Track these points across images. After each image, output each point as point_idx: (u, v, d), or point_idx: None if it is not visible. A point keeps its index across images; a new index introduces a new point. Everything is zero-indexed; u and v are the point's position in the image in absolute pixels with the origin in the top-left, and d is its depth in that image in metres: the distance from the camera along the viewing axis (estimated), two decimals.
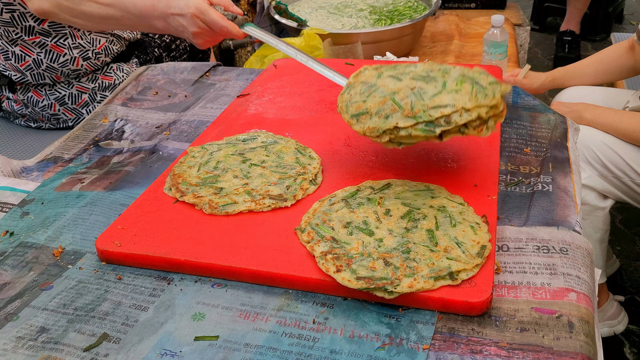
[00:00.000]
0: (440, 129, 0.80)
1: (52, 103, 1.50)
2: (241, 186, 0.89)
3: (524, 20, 2.59)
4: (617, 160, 1.49)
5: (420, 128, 0.81)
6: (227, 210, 0.85)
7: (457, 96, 0.81)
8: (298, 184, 0.89)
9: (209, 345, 0.68)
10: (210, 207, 0.86)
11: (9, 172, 1.07)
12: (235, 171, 0.93)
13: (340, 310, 0.72)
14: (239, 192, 0.88)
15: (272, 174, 0.92)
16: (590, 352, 0.65)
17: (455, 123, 0.80)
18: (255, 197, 0.87)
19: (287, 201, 0.87)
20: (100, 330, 0.71)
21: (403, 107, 0.82)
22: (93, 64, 1.49)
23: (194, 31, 1.05)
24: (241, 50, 2.20)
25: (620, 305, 1.75)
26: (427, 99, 0.82)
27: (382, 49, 1.96)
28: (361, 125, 0.85)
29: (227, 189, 0.89)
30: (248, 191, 0.88)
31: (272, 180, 0.90)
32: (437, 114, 0.80)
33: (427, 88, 0.84)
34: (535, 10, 3.89)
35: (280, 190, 0.88)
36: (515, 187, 0.92)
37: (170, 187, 0.92)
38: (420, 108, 0.81)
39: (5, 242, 0.88)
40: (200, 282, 0.78)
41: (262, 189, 0.88)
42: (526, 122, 1.10)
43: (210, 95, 1.30)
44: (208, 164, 0.96)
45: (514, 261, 0.77)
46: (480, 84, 0.84)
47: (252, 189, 0.89)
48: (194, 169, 0.95)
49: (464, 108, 0.80)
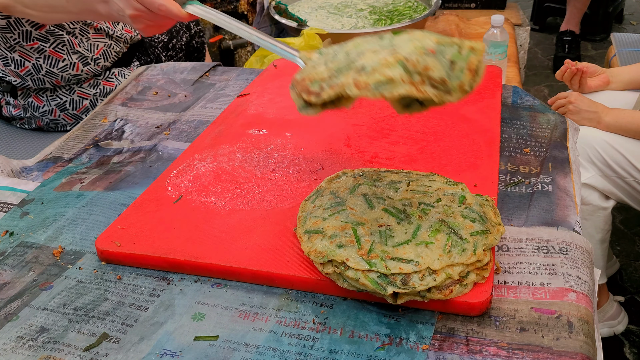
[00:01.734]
0: (393, 289, 0.66)
1: (53, 109, 1.50)
2: (389, 55, 0.65)
3: (524, 20, 2.59)
4: (620, 159, 1.49)
5: (370, 278, 0.67)
6: (382, 92, 0.62)
7: (426, 251, 0.68)
8: (465, 58, 0.65)
9: (209, 345, 0.68)
10: (357, 86, 0.63)
11: (9, 172, 1.07)
12: (375, 50, 0.68)
13: (340, 310, 0.72)
14: (389, 62, 0.64)
15: (425, 36, 0.68)
16: (590, 352, 0.65)
17: (412, 287, 0.66)
18: (413, 75, 0.63)
19: (452, 95, 0.64)
20: (100, 330, 0.71)
21: (361, 245, 0.70)
22: (93, 69, 1.50)
23: (131, 14, 0.96)
24: (241, 50, 2.21)
25: (620, 306, 1.75)
26: (390, 245, 0.69)
27: None
28: (309, 245, 0.73)
29: (371, 64, 0.65)
30: (401, 62, 0.63)
31: (429, 45, 0.65)
32: (395, 269, 0.67)
33: (396, 230, 0.72)
34: (535, 10, 3.89)
35: (442, 69, 0.64)
36: (515, 187, 0.92)
37: (299, 94, 0.70)
38: (379, 254, 0.68)
39: (5, 242, 0.88)
40: (200, 282, 0.78)
41: (418, 60, 0.64)
42: (526, 122, 1.10)
43: (210, 95, 1.30)
44: (337, 56, 0.72)
45: (514, 261, 0.77)
46: (459, 234, 0.71)
47: (406, 58, 0.64)
48: (319, 67, 0.71)
49: (429, 268, 0.67)
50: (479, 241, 0.70)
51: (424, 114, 1.11)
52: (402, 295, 0.68)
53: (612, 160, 1.49)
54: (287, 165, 0.98)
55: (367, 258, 0.68)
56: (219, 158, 1.01)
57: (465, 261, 0.68)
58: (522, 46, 2.56)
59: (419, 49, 0.65)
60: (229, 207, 0.88)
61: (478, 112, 1.09)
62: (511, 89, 1.22)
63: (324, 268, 0.71)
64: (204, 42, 1.92)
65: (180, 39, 1.78)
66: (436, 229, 0.71)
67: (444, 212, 0.75)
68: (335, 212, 0.76)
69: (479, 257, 0.69)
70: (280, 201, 0.88)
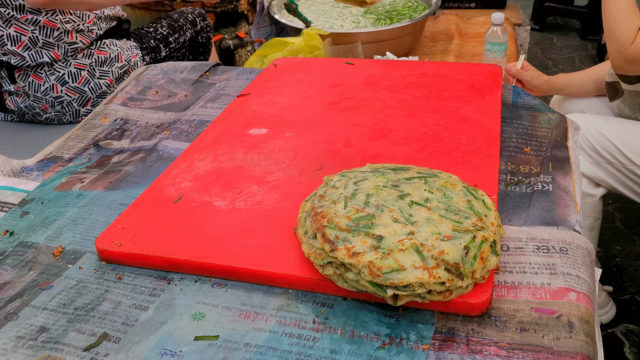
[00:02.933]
0: (393, 291, 0.67)
1: (54, 85, 1.52)
2: (405, 236, 0.69)
3: (524, 20, 2.59)
4: (608, 146, 1.51)
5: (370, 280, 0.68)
6: (392, 280, 0.66)
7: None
8: (478, 247, 0.69)
9: (209, 345, 0.68)
10: (370, 273, 0.67)
11: (9, 172, 1.07)
12: (393, 210, 0.73)
13: (340, 310, 0.72)
14: (405, 246, 0.68)
15: (443, 220, 0.72)
16: (590, 352, 0.65)
17: (411, 290, 0.67)
18: (427, 259, 0.67)
19: (464, 280, 0.67)
20: (100, 329, 0.71)
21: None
22: (87, 36, 1.53)
23: None
24: (241, 50, 2.21)
25: (608, 296, 1.76)
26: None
27: (382, 49, 1.96)
28: (309, 246, 0.73)
29: (387, 239, 0.69)
30: (416, 247, 0.68)
31: (445, 232, 0.70)
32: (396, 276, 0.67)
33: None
34: (535, 10, 3.89)
35: (457, 254, 0.68)
36: (515, 186, 0.92)
37: (314, 231, 0.73)
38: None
39: (5, 242, 0.88)
40: (200, 281, 0.78)
41: (433, 245, 0.68)
42: (526, 122, 1.10)
43: (210, 95, 1.30)
44: (356, 197, 0.76)
45: (514, 261, 0.77)
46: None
47: (422, 243, 0.68)
48: (339, 204, 0.75)
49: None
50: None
51: (424, 114, 1.12)
52: (402, 297, 0.68)
53: (600, 147, 1.50)
54: (287, 165, 0.98)
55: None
56: (219, 158, 1.01)
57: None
58: (522, 46, 2.56)
59: (435, 235, 0.69)
60: (229, 207, 0.88)
61: (478, 111, 1.09)
62: (511, 89, 1.22)
63: (324, 269, 0.71)
64: (210, 37, 1.94)
65: (183, 34, 1.81)
66: None
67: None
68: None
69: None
70: (280, 201, 0.88)
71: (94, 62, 1.55)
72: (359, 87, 1.24)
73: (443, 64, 1.32)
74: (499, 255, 0.71)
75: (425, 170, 0.84)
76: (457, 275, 0.67)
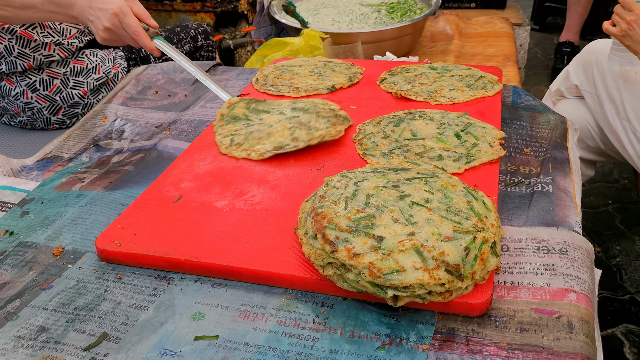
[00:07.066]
0: (393, 292, 0.67)
1: (24, 90, 1.46)
2: (406, 237, 0.70)
3: (524, 20, 2.59)
4: None
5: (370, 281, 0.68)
6: (392, 282, 0.66)
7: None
8: (478, 248, 0.69)
9: (209, 345, 0.68)
10: (371, 274, 0.67)
11: (9, 172, 1.06)
12: (393, 211, 0.74)
13: (340, 310, 0.72)
14: (405, 247, 0.68)
15: (443, 220, 0.72)
16: (590, 353, 0.65)
17: (411, 291, 0.67)
18: (427, 260, 0.67)
19: (464, 281, 0.67)
20: (100, 329, 0.71)
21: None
22: (66, 50, 1.47)
23: (106, 26, 1.12)
24: (241, 50, 2.20)
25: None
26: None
27: (382, 49, 1.96)
28: (309, 247, 0.73)
29: (388, 239, 0.69)
30: (417, 248, 0.68)
31: (445, 232, 0.70)
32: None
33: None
34: (535, 10, 3.89)
35: (457, 255, 0.68)
36: (515, 187, 0.92)
37: (315, 232, 0.73)
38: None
39: (5, 242, 0.88)
40: (200, 281, 0.78)
41: (434, 246, 0.68)
42: (526, 123, 1.10)
43: (210, 95, 1.30)
44: (356, 197, 0.77)
45: (514, 261, 0.77)
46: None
47: (422, 244, 0.69)
48: (339, 204, 0.76)
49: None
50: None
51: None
52: (403, 298, 0.68)
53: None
54: (287, 165, 0.98)
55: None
56: (219, 158, 1.01)
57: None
58: (522, 46, 2.56)
59: (435, 236, 0.70)
60: (229, 207, 0.88)
61: (478, 112, 1.09)
62: (511, 89, 1.22)
63: (324, 270, 0.71)
64: (213, 57, 1.86)
65: (181, 48, 1.75)
66: None
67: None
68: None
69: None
70: (281, 201, 0.88)
71: (69, 72, 1.49)
72: (359, 87, 1.24)
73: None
74: (499, 256, 0.71)
75: (426, 171, 0.84)
76: (457, 277, 0.67)
